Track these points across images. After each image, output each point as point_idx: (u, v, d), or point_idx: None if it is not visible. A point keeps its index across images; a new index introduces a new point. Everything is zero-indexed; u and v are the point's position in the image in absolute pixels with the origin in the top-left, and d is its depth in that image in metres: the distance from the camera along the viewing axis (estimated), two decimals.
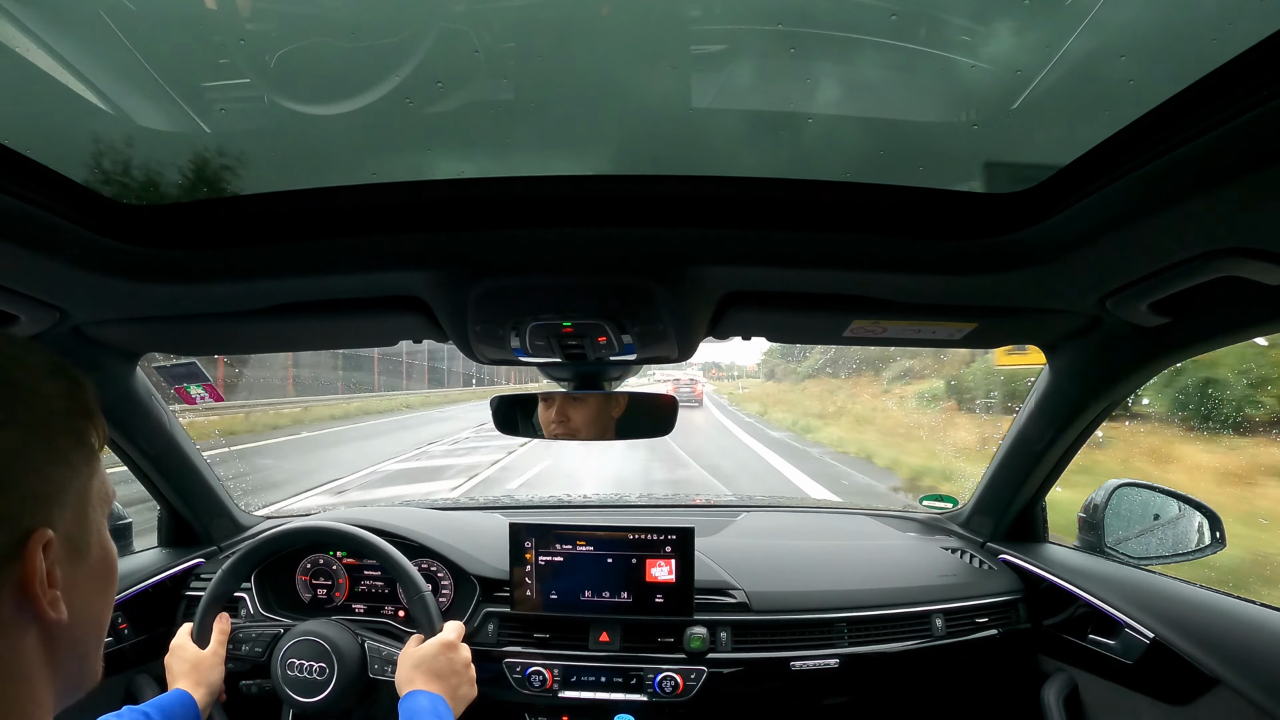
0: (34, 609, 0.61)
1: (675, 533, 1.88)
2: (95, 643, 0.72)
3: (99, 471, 0.71)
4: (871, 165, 1.01)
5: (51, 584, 0.62)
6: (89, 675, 0.71)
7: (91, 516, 0.69)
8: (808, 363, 33.00)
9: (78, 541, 0.67)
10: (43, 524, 0.62)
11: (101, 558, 0.71)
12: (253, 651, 1.78)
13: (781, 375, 41.33)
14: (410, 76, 0.83)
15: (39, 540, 0.61)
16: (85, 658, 0.70)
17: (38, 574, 0.60)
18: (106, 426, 0.73)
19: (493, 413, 1.75)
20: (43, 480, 0.63)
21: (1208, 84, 0.75)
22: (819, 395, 26.91)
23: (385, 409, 27.68)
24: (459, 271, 1.20)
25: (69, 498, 0.66)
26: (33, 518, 0.61)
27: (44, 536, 0.61)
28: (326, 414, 22.55)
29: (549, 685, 1.86)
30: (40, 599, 0.61)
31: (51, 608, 0.62)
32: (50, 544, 0.62)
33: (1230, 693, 1.43)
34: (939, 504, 2.47)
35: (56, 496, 0.64)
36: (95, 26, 0.75)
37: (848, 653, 1.86)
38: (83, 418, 0.68)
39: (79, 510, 0.67)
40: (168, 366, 1.82)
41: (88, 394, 0.70)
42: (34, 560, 0.60)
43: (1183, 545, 1.91)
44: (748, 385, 53.14)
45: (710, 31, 0.83)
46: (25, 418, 0.62)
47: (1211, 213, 0.91)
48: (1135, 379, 1.57)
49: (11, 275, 1.14)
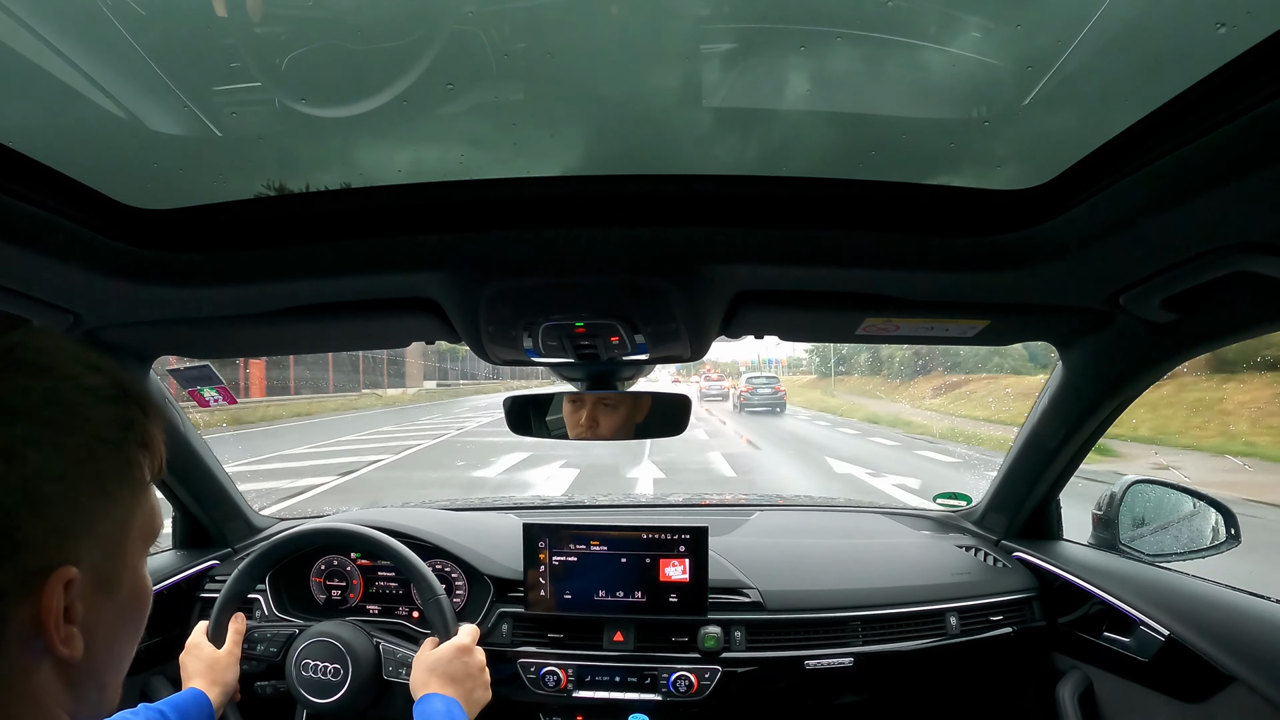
0: (46, 644, 0.58)
1: (689, 532, 1.88)
2: (115, 674, 0.69)
3: (145, 505, 0.67)
4: (883, 163, 1.01)
5: (69, 620, 0.59)
6: (107, 703, 0.68)
7: (128, 551, 0.66)
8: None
9: (108, 576, 0.63)
10: (68, 559, 0.58)
11: (133, 594, 0.67)
12: (267, 652, 1.79)
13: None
14: (421, 78, 0.84)
15: (60, 578, 0.58)
16: (104, 688, 0.67)
17: (54, 612, 0.57)
18: (165, 459, 0.69)
19: (505, 413, 1.75)
20: (76, 510, 0.60)
21: (1221, 77, 0.75)
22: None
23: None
24: (471, 272, 1.20)
25: (104, 530, 0.62)
26: (59, 552, 0.58)
27: (66, 575, 0.58)
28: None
29: (563, 685, 1.86)
30: (53, 636, 0.58)
31: (65, 645, 0.59)
32: (74, 581, 0.59)
33: (1246, 690, 1.42)
34: (953, 502, 2.46)
35: (88, 528, 0.61)
36: (106, 30, 0.76)
37: (862, 651, 1.86)
38: (139, 447, 0.65)
39: (114, 544, 0.64)
40: (181, 370, 1.83)
41: (151, 423, 0.66)
42: (52, 598, 0.57)
43: (1198, 542, 1.90)
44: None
45: (721, 30, 0.83)
46: (70, 444, 0.59)
47: (1225, 208, 0.90)
48: (1148, 376, 1.56)
49: (25, 279, 1.15)
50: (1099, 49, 0.76)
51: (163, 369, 1.85)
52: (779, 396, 27.30)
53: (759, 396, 27.38)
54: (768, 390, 27.33)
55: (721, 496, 2.89)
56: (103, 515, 0.62)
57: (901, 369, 27.78)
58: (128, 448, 0.64)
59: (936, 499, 2.51)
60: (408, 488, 10.81)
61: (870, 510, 2.57)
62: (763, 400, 27.15)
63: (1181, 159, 0.84)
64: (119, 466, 0.63)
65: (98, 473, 0.61)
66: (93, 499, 0.61)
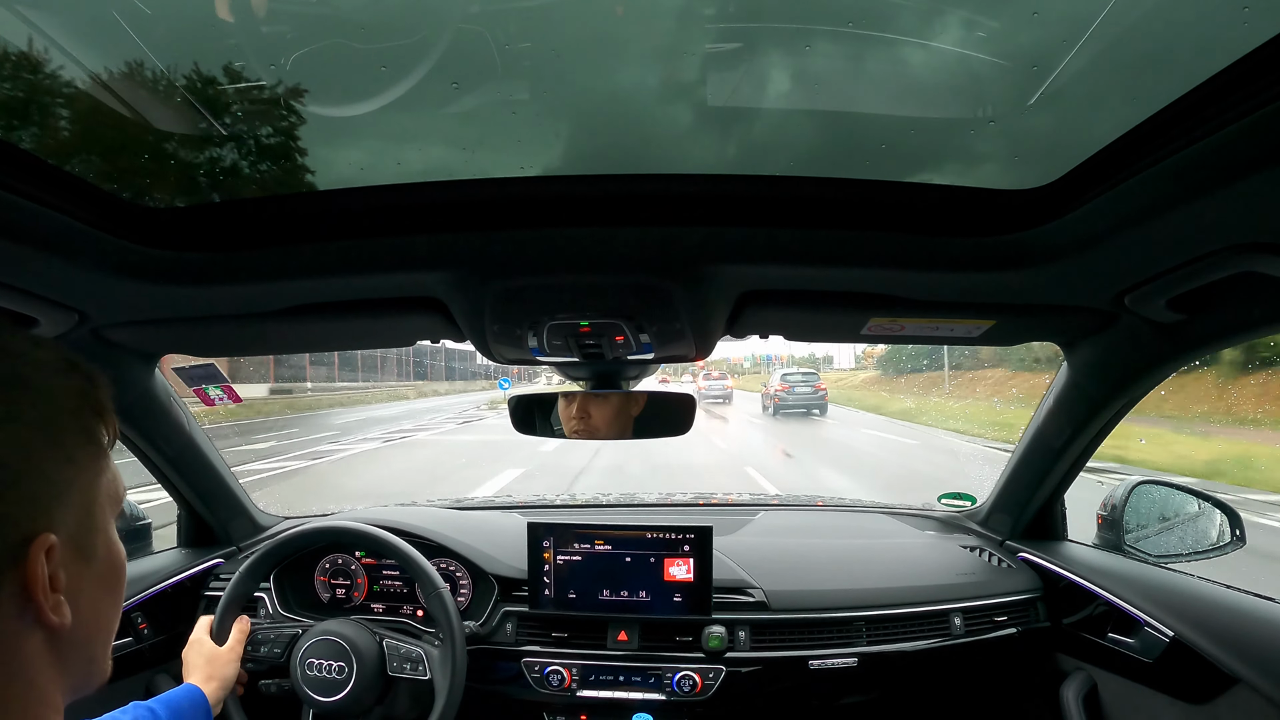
0: (37, 613, 0.60)
1: (693, 532, 1.88)
2: (103, 644, 0.70)
3: (108, 470, 0.69)
4: (889, 162, 1.01)
5: (55, 588, 0.61)
6: (97, 674, 0.70)
7: (98, 517, 0.68)
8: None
9: (83, 543, 0.65)
10: (45, 527, 0.60)
11: (108, 559, 0.69)
12: (271, 654, 1.79)
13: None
14: (425, 78, 0.84)
15: (41, 545, 0.59)
16: (93, 659, 0.69)
17: (40, 579, 0.59)
18: (119, 424, 0.71)
19: (510, 412, 1.76)
20: (47, 481, 0.62)
21: (1226, 78, 0.75)
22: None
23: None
24: (476, 272, 1.20)
25: (74, 497, 0.64)
26: (35, 521, 0.60)
27: (46, 541, 0.60)
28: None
29: (567, 684, 1.86)
30: (43, 604, 0.60)
31: (54, 612, 0.61)
32: (54, 548, 0.60)
33: (1250, 691, 1.42)
34: (957, 502, 2.45)
35: (61, 496, 0.63)
36: (111, 30, 0.76)
37: (866, 651, 1.86)
38: (93, 415, 0.67)
39: (85, 510, 0.66)
40: (186, 368, 1.83)
41: (100, 390, 0.68)
42: (36, 565, 0.59)
43: (1202, 543, 1.90)
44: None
45: (725, 30, 0.83)
46: (31, 416, 0.61)
47: (1230, 208, 0.90)
48: (1153, 376, 1.56)
49: (30, 278, 1.15)
50: (1104, 50, 0.76)
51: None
52: (819, 396, 23.84)
53: (796, 396, 23.90)
54: (807, 389, 23.87)
55: (726, 496, 2.89)
56: (71, 483, 0.64)
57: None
58: (84, 416, 0.66)
59: (941, 499, 2.51)
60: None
61: (875, 510, 2.57)
62: (800, 400, 23.84)
63: (1187, 159, 0.83)
64: (80, 434, 0.66)
65: (61, 442, 0.63)
66: (59, 468, 0.63)
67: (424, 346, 37.77)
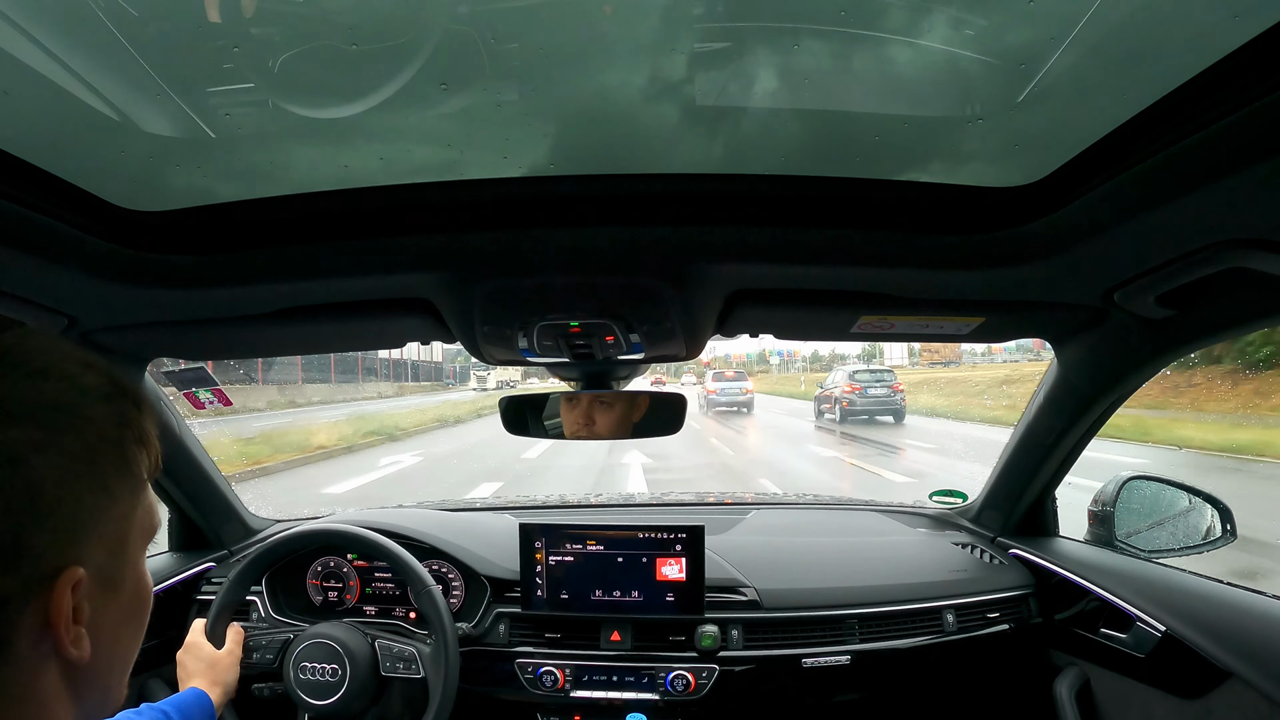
0: (55, 645, 0.58)
1: (685, 531, 1.88)
2: (120, 674, 0.68)
3: (145, 501, 0.67)
4: (877, 160, 1.01)
5: (77, 620, 0.58)
6: (112, 703, 0.68)
7: (130, 550, 0.65)
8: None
9: (111, 576, 0.63)
10: (74, 560, 0.58)
11: (135, 592, 0.67)
12: (263, 659, 1.79)
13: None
14: (413, 79, 0.83)
15: (69, 580, 0.57)
16: (108, 689, 0.67)
17: (64, 613, 0.57)
18: (160, 454, 0.69)
19: (501, 413, 1.75)
20: (81, 512, 0.59)
21: (1213, 74, 0.75)
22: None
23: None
24: (465, 273, 1.20)
25: (106, 529, 0.61)
26: (65, 553, 0.57)
27: (75, 576, 0.57)
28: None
29: (561, 685, 1.86)
30: (63, 637, 0.57)
31: (74, 645, 0.58)
32: (81, 582, 0.58)
33: (1243, 685, 1.43)
34: (949, 499, 2.46)
35: (93, 528, 0.60)
36: (98, 31, 0.75)
37: (859, 649, 1.86)
38: (135, 444, 0.64)
39: (117, 543, 0.63)
40: (176, 371, 1.83)
41: (145, 419, 0.66)
42: (62, 599, 0.57)
43: (1193, 538, 1.90)
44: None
45: (713, 29, 0.82)
46: (71, 444, 0.59)
47: (1219, 204, 0.90)
48: (1143, 372, 1.56)
49: (19, 283, 1.15)
50: (1091, 47, 0.76)
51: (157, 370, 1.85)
52: (898, 399, 21.73)
53: (869, 400, 21.63)
54: (882, 390, 21.68)
55: (719, 495, 2.89)
56: (105, 514, 0.61)
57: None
58: (126, 445, 0.63)
59: (933, 496, 2.51)
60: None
61: (867, 508, 2.57)
62: (873, 405, 21.70)
63: (1174, 156, 0.84)
64: (119, 464, 0.63)
65: (99, 471, 0.61)
66: (95, 498, 0.60)
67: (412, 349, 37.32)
